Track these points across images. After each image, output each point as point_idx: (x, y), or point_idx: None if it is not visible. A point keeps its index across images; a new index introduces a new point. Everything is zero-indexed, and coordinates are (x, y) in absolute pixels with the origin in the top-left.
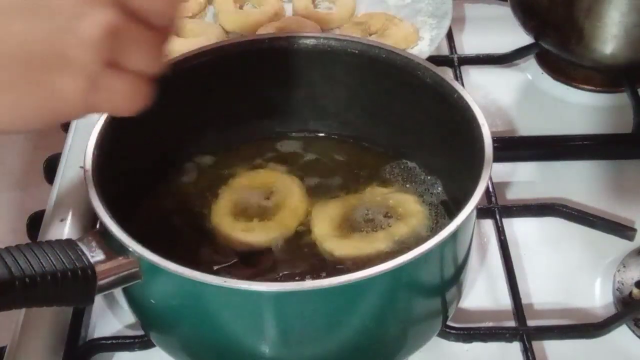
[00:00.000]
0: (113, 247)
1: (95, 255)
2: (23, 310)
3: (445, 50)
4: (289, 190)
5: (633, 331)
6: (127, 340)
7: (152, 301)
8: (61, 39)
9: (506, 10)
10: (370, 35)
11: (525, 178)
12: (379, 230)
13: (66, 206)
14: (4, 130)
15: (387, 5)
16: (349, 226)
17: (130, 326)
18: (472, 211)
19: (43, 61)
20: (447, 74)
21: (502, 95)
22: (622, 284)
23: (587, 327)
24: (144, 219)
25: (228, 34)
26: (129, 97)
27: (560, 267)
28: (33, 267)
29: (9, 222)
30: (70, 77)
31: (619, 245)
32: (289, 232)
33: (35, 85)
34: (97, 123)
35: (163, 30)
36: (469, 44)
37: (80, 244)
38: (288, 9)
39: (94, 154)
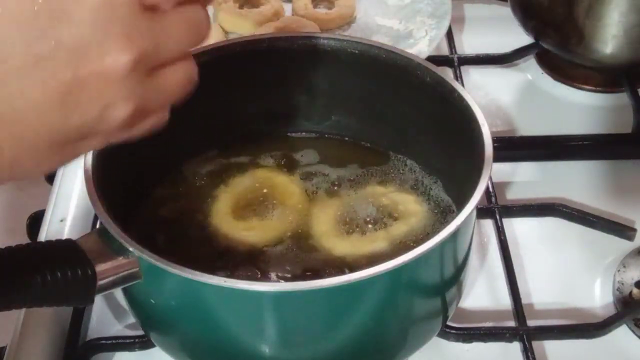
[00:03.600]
0: (113, 247)
1: (95, 255)
2: (23, 310)
3: (445, 50)
4: (289, 190)
5: (633, 331)
6: (127, 340)
7: (152, 301)
8: (92, 127)
9: (506, 10)
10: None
11: (525, 178)
12: (379, 230)
13: (66, 206)
14: (16, 179)
15: (386, 5)
16: (348, 226)
17: (130, 326)
18: (472, 211)
19: (73, 142)
20: (447, 74)
21: (502, 95)
22: (622, 284)
23: (587, 327)
24: (144, 218)
25: (227, 34)
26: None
27: (560, 267)
28: (33, 267)
29: (8, 222)
30: (99, 140)
31: (619, 245)
32: (288, 231)
33: (62, 154)
34: None
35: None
36: (469, 44)
37: (80, 244)
38: (288, 9)
39: (93, 153)
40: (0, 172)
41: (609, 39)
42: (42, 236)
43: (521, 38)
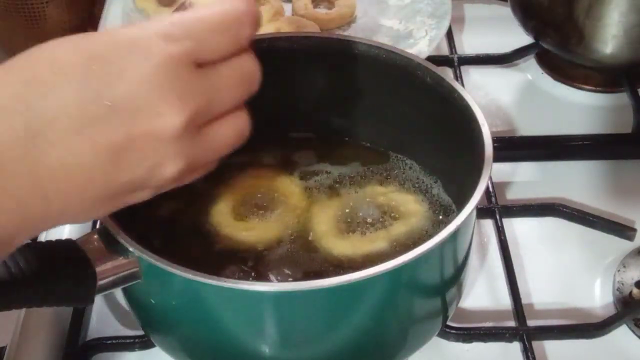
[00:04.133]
0: (113, 247)
1: (95, 255)
2: (23, 310)
3: (445, 50)
4: (289, 190)
5: (633, 331)
6: (127, 340)
7: (152, 301)
8: (143, 183)
9: (506, 10)
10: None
11: (525, 178)
12: (379, 230)
13: None
14: (66, 223)
15: (387, 5)
16: (348, 226)
17: (130, 326)
18: (472, 211)
19: (122, 196)
20: (447, 74)
21: (502, 95)
22: (622, 284)
23: (587, 327)
24: (144, 219)
25: None
26: (230, 143)
27: (560, 267)
28: (33, 267)
29: None
30: (147, 194)
31: (619, 245)
32: (288, 232)
33: (110, 205)
34: None
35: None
36: (469, 44)
37: (80, 244)
38: (288, 9)
39: None
40: (48, 221)
41: (609, 39)
42: (42, 236)
43: (521, 38)
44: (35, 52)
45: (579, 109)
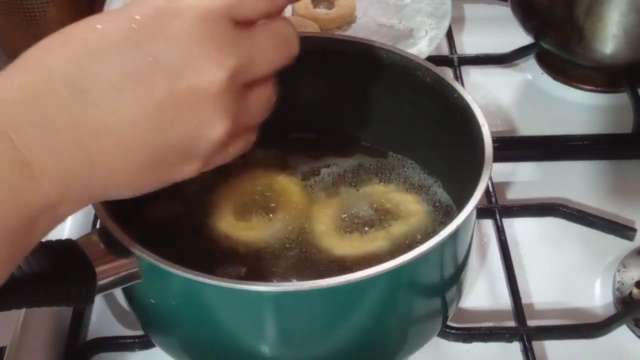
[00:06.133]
0: (113, 247)
1: (95, 255)
2: (23, 310)
3: (445, 50)
4: (289, 190)
5: (633, 331)
6: (127, 340)
7: (152, 301)
8: (187, 147)
9: (506, 10)
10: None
11: (525, 178)
12: (379, 230)
13: None
14: (111, 197)
15: (386, 4)
16: (348, 225)
17: (130, 326)
18: (472, 211)
19: (169, 162)
20: (447, 74)
21: (502, 95)
22: (622, 284)
23: (587, 327)
24: (144, 218)
25: None
26: (261, 114)
27: (560, 267)
28: (33, 267)
29: None
30: (194, 164)
31: (619, 245)
32: (289, 231)
33: (157, 174)
34: None
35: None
36: (469, 44)
37: (80, 244)
38: (288, 9)
39: None
40: (93, 189)
41: (609, 39)
42: None
43: (521, 38)
44: (77, 23)
45: (579, 109)
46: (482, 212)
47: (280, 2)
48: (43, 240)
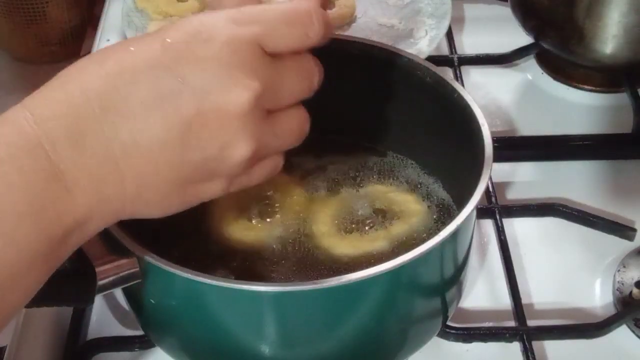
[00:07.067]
0: (113, 247)
1: (95, 255)
2: (23, 310)
3: (445, 50)
4: (289, 190)
5: (633, 331)
6: (127, 341)
7: (152, 301)
8: (212, 166)
9: (506, 10)
10: None
11: (525, 178)
12: (379, 230)
13: None
14: (141, 215)
15: (386, 4)
16: (348, 225)
17: (130, 326)
18: (472, 211)
19: (195, 180)
20: (447, 74)
21: (502, 95)
22: (622, 284)
23: (587, 327)
24: (144, 219)
25: None
26: (293, 139)
27: (560, 267)
28: None
29: None
30: (219, 183)
31: (619, 245)
32: (288, 231)
33: (185, 193)
34: None
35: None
36: (469, 44)
37: None
38: None
39: None
40: (123, 205)
41: (609, 39)
42: None
43: (521, 38)
44: (113, 45)
45: (579, 109)
46: (482, 212)
47: (312, 39)
48: None
